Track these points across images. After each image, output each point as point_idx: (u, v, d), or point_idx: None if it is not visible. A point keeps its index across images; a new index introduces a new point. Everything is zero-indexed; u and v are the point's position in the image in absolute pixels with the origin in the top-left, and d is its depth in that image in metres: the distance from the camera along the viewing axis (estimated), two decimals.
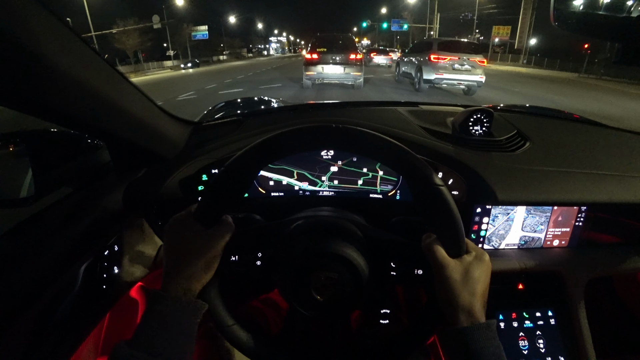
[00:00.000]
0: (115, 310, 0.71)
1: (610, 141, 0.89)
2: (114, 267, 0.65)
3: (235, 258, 0.52)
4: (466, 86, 8.36)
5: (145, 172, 0.74)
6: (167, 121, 0.75)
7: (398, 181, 0.82)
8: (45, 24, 0.41)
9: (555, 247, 0.81)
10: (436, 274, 0.47)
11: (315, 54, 8.40)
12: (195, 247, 0.46)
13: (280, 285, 0.53)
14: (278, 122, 0.88)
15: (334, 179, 0.83)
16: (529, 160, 0.79)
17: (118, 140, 0.66)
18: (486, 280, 0.47)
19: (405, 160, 0.46)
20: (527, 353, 0.73)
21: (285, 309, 0.63)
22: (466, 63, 7.85)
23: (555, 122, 0.98)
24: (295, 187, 0.84)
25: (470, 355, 0.42)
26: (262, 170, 0.82)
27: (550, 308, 0.76)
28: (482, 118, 0.83)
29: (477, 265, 0.47)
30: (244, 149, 0.47)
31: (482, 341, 0.43)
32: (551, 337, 0.74)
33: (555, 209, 0.78)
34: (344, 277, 0.50)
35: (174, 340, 0.43)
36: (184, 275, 0.46)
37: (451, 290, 0.45)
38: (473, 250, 0.49)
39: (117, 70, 0.55)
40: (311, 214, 0.67)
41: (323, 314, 0.53)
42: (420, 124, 0.85)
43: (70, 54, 0.45)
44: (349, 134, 0.46)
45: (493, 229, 0.79)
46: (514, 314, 0.75)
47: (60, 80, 0.44)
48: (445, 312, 0.47)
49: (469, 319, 0.44)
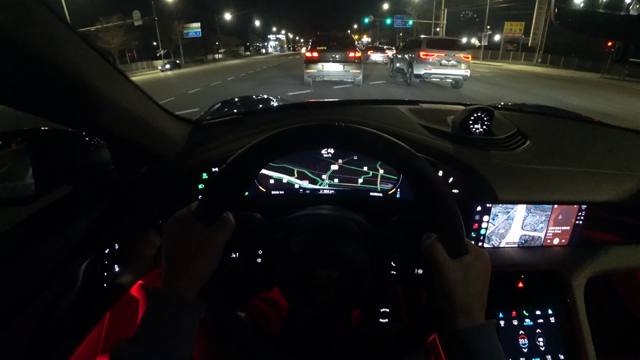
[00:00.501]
0: (116, 308, 0.71)
1: (611, 140, 0.89)
2: (115, 265, 0.65)
3: (236, 255, 0.52)
4: (453, 80, 9.25)
5: (145, 170, 0.74)
6: (167, 119, 0.75)
7: (398, 180, 0.82)
8: (45, 23, 0.41)
9: (556, 246, 0.81)
10: (436, 274, 0.47)
11: (316, 52, 8.63)
12: (195, 245, 0.46)
13: (280, 283, 0.53)
14: (278, 120, 0.88)
15: (335, 178, 0.83)
16: (529, 159, 0.79)
17: (118, 139, 0.66)
18: (486, 280, 0.47)
19: (407, 159, 0.46)
20: (527, 351, 0.73)
21: (286, 308, 0.63)
22: (452, 59, 8.72)
23: (555, 121, 0.98)
24: (295, 186, 0.84)
25: (469, 355, 0.42)
26: (263, 169, 0.82)
27: (550, 306, 0.76)
28: (483, 116, 0.83)
29: (477, 265, 0.47)
30: (245, 146, 0.47)
31: (481, 342, 0.43)
32: (551, 335, 0.74)
33: (556, 208, 0.78)
34: (344, 276, 0.50)
35: (175, 339, 0.43)
36: (185, 274, 0.46)
37: (450, 290, 0.45)
38: (473, 250, 0.48)
39: (117, 69, 0.55)
40: (311, 213, 0.67)
41: (323, 312, 0.53)
42: (421, 123, 0.85)
43: (70, 52, 0.44)
44: (350, 133, 0.46)
45: (493, 228, 0.79)
46: (514, 312, 0.75)
47: (60, 79, 0.43)
48: (444, 312, 0.47)
49: (468, 319, 0.44)
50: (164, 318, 0.43)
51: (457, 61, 8.77)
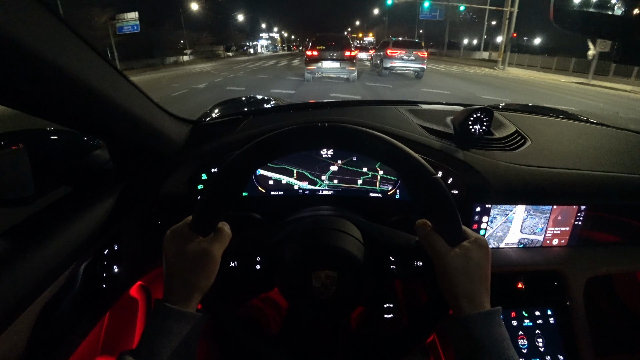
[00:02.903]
0: (115, 309, 0.71)
1: (610, 140, 0.89)
2: (114, 266, 0.65)
3: (235, 264, 0.53)
4: (413, 71, 12.03)
5: (144, 170, 0.74)
6: (166, 120, 0.75)
7: (398, 180, 0.82)
8: (44, 23, 0.41)
9: (555, 246, 0.81)
10: (436, 263, 0.47)
11: (316, 51, 10.04)
12: (193, 257, 0.47)
13: (280, 284, 0.53)
14: (277, 121, 0.88)
15: (334, 179, 0.83)
16: (528, 159, 0.79)
17: (118, 139, 0.66)
18: (487, 265, 0.47)
19: (397, 153, 0.46)
20: (527, 352, 0.73)
21: (285, 308, 0.63)
22: (412, 55, 11.52)
23: (554, 121, 0.98)
24: (294, 187, 0.84)
25: (475, 343, 0.42)
26: (262, 170, 0.82)
27: (550, 307, 0.76)
28: (482, 117, 0.83)
29: (476, 251, 0.46)
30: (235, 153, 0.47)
31: (486, 329, 0.42)
32: (550, 336, 0.74)
33: (555, 208, 0.78)
34: (344, 275, 0.50)
35: (176, 351, 0.43)
36: (185, 286, 0.46)
37: (452, 278, 0.45)
38: (471, 236, 0.48)
39: (117, 69, 0.55)
40: (308, 215, 0.67)
41: (324, 312, 0.53)
42: (420, 123, 0.85)
43: (70, 52, 0.44)
44: (342, 132, 0.46)
45: (491, 231, 0.79)
46: (513, 312, 0.75)
47: (59, 79, 0.43)
48: (448, 301, 0.47)
49: (472, 306, 0.44)
50: (165, 330, 0.44)
51: (415, 57, 11.51)
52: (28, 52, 0.38)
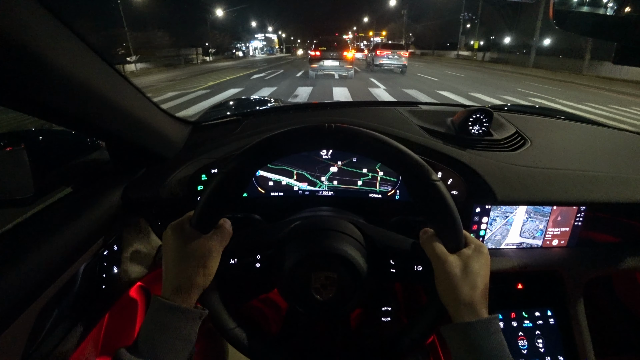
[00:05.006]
0: (115, 309, 0.71)
1: (609, 141, 0.89)
2: (114, 267, 0.65)
3: (235, 261, 0.53)
4: (398, 67, 15.03)
5: (144, 171, 0.74)
6: (166, 121, 0.75)
7: (397, 181, 0.82)
8: (44, 23, 0.41)
9: (555, 247, 0.81)
10: (436, 269, 0.47)
11: (318, 51, 11.91)
12: (193, 254, 0.47)
13: (279, 285, 0.53)
14: (277, 121, 0.88)
15: (334, 180, 0.83)
16: (528, 160, 0.79)
17: (117, 140, 0.66)
18: (486, 273, 0.47)
19: (401, 157, 0.46)
20: (526, 353, 0.73)
21: (285, 309, 0.63)
22: (395, 55, 14.69)
23: (554, 122, 0.98)
24: (294, 188, 0.84)
25: (474, 350, 0.42)
26: (262, 171, 0.82)
27: (550, 308, 0.76)
28: (482, 118, 0.83)
29: (476, 258, 0.46)
30: (239, 152, 0.47)
31: (485, 336, 0.43)
32: (550, 336, 0.74)
33: (555, 209, 0.78)
34: (344, 276, 0.50)
35: (174, 347, 0.43)
36: (184, 282, 0.46)
37: (452, 285, 0.45)
38: (472, 243, 0.48)
39: (117, 70, 0.55)
40: (310, 214, 0.67)
41: (323, 314, 0.53)
42: (420, 124, 0.85)
43: (70, 53, 0.45)
44: (344, 133, 0.46)
45: (490, 234, 0.79)
46: (513, 313, 0.75)
47: (59, 80, 0.44)
48: (447, 307, 0.47)
49: (470, 313, 0.44)
50: (163, 326, 0.43)
51: (399, 56, 14.67)
52: (29, 54, 0.38)
